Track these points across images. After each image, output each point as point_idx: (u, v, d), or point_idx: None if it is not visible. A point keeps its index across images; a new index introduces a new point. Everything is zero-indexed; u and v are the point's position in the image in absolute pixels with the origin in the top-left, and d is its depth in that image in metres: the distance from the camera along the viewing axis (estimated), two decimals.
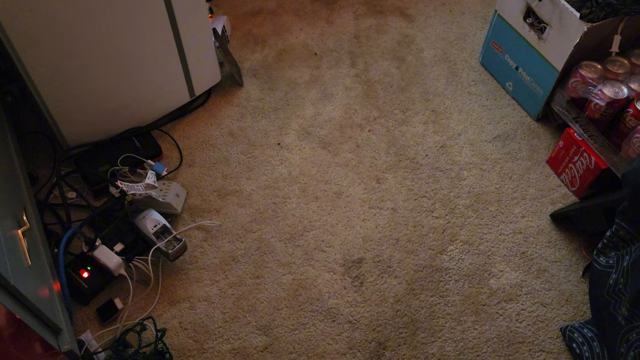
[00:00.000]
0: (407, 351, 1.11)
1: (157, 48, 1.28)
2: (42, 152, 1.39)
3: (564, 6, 1.27)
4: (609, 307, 0.98)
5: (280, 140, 1.45)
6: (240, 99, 1.54)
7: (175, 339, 1.12)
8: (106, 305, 1.13)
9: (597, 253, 1.03)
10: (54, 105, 1.21)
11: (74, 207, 1.28)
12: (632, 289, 0.91)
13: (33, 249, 0.99)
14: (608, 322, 0.99)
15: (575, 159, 1.31)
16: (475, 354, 1.11)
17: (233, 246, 1.25)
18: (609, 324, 0.98)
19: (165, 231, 1.19)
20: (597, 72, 1.28)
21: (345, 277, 1.21)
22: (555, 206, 1.33)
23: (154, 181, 1.23)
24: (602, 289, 1.00)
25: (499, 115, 1.52)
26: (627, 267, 0.93)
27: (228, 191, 1.35)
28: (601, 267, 1.01)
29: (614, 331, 0.97)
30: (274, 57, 1.66)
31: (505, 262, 1.24)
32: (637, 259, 0.91)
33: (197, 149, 1.42)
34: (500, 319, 1.16)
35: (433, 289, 1.20)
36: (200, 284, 1.19)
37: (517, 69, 1.50)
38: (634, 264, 0.92)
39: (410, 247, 1.25)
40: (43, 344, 0.86)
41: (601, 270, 1.01)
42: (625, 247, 0.97)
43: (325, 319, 1.15)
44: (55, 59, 1.14)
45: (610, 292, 0.98)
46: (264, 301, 1.17)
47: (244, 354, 1.10)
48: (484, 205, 1.33)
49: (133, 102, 1.34)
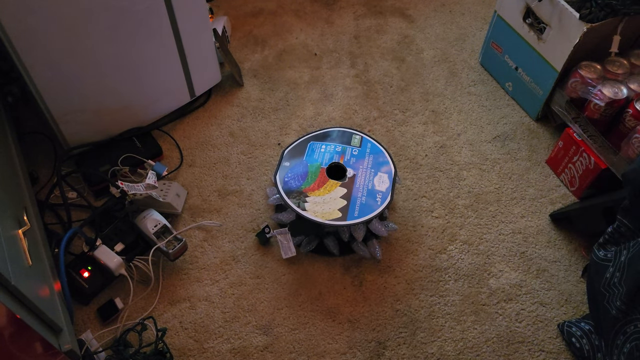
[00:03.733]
0: (407, 351, 1.11)
1: (157, 48, 1.28)
2: (42, 152, 1.39)
3: (564, 7, 1.27)
4: (604, 300, 0.99)
5: (281, 140, 1.45)
6: (241, 99, 1.54)
7: (176, 338, 1.12)
8: (107, 305, 1.13)
9: (598, 247, 1.03)
10: (55, 106, 1.21)
11: (75, 207, 1.28)
12: (629, 283, 0.92)
13: (34, 248, 0.99)
14: (603, 315, 1.00)
15: (575, 159, 1.31)
16: (474, 354, 1.11)
17: (233, 246, 1.25)
18: (604, 316, 1.00)
19: (166, 231, 1.19)
20: (596, 73, 1.28)
21: (345, 277, 1.21)
22: (554, 206, 1.34)
23: (154, 181, 1.23)
24: (599, 281, 1.01)
25: (498, 116, 1.52)
26: (625, 262, 0.94)
27: (228, 191, 1.35)
28: (599, 260, 1.02)
29: (608, 324, 0.98)
30: (274, 57, 1.66)
31: (504, 262, 1.24)
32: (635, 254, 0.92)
33: (197, 149, 1.43)
34: (500, 318, 1.16)
35: (433, 288, 1.20)
36: (200, 283, 1.19)
37: (516, 69, 1.50)
38: (631, 259, 0.92)
39: (409, 247, 1.26)
40: (44, 344, 0.86)
41: (599, 263, 1.02)
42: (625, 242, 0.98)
43: (325, 319, 1.15)
44: (55, 59, 1.14)
45: (606, 285, 0.99)
46: (264, 301, 1.17)
47: (244, 354, 1.10)
48: (484, 205, 1.33)
49: (133, 102, 1.34)
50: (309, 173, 1.20)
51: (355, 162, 1.23)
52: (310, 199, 1.16)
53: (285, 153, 1.24)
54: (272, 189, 1.29)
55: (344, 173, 1.21)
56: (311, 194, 1.16)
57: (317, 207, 1.14)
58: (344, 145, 1.26)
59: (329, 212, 1.14)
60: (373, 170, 1.21)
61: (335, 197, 1.16)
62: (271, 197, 1.26)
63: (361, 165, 1.22)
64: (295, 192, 1.17)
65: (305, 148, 1.25)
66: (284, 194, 1.16)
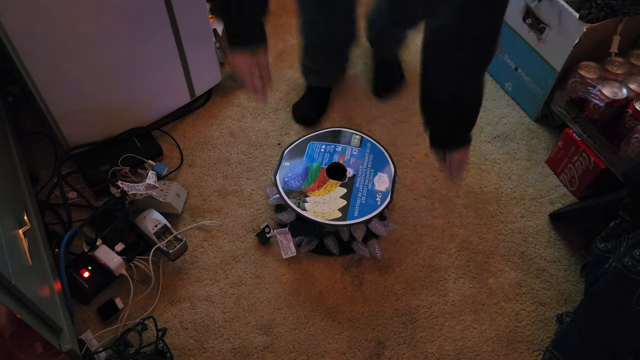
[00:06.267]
0: (407, 350, 1.11)
1: (157, 48, 1.28)
2: (43, 152, 1.39)
3: (563, 7, 1.28)
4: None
5: (281, 140, 1.45)
6: (241, 100, 1.55)
7: (176, 338, 1.12)
8: (107, 305, 1.13)
9: (600, 239, 1.04)
10: (55, 106, 1.21)
11: (75, 207, 1.29)
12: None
13: (34, 248, 0.99)
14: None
15: (574, 159, 1.31)
16: (474, 353, 1.11)
17: (233, 246, 1.25)
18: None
19: (166, 231, 1.20)
20: (596, 73, 1.28)
21: (345, 276, 1.21)
22: (554, 206, 1.34)
23: (154, 181, 1.23)
24: (598, 272, 1.01)
25: (498, 116, 1.52)
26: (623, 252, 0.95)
27: (228, 191, 1.35)
28: (600, 251, 1.03)
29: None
30: (274, 57, 1.66)
31: (504, 262, 1.24)
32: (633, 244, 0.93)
33: (197, 149, 1.43)
34: (500, 318, 1.16)
35: (432, 288, 1.20)
36: (200, 283, 1.20)
37: (516, 69, 1.50)
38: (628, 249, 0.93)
39: (409, 247, 1.26)
40: (44, 344, 0.86)
41: (600, 255, 1.03)
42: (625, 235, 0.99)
43: (326, 318, 1.15)
44: (55, 59, 1.14)
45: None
46: (264, 300, 1.18)
47: (244, 353, 1.10)
48: (483, 205, 1.33)
49: (134, 102, 1.34)
50: (309, 173, 1.20)
51: (355, 162, 1.23)
52: (310, 198, 1.16)
53: (285, 153, 1.24)
54: (272, 189, 1.29)
55: (344, 173, 1.21)
56: (311, 194, 1.17)
57: (317, 207, 1.14)
58: (344, 145, 1.26)
59: (329, 212, 1.14)
60: (373, 170, 1.21)
61: (335, 197, 1.16)
62: (271, 197, 1.26)
63: (361, 165, 1.22)
64: (296, 192, 1.17)
65: (305, 148, 1.25)
66: (284, 194, 1.16)
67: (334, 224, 1.13)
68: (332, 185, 1.18)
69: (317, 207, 1.14)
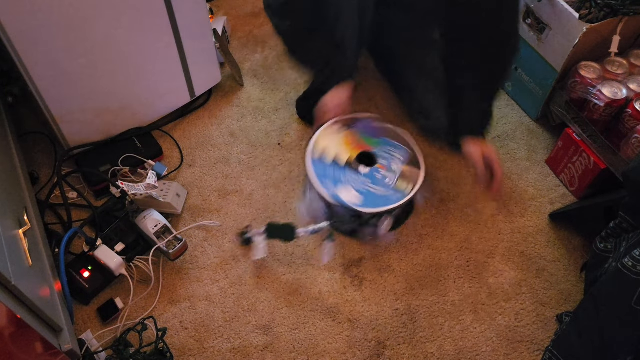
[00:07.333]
0: (407, 350, 1.11)
1: (157, 48, 1.28)
2: (43, 152, 1.39)
3: (563, 7, 1.28)
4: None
5: (281, 140, 1.45)
6: (241, 100, 1.55)
7: (176, 338, 1.12)
8: (107, 305, 1.13)
9: (600, 239, 1.04)
10: (55, 106, 1.21)
11: (75, 207, 1.29)
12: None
13: (34, 248, 0.99)
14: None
15: (574, 159, 1.31)
16: (474, 353, 1.11)
17: (233, 246, 1.25)
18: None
19: (166, 231, 1.20)
20: (596, 73, 1.28)
21: (345, 276, 1.21)
22: (554, 206, 1.34)
23: (154, 181, 1.23)
24: (598, 271, 1.01)
25: (498, 116, 1.52)
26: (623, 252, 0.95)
27: (229, 191, 1.35)
28: (600, 251, 1.03)
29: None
30: (274, 57, 1.66)
31: (504, 262, 1.24)
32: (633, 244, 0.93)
33: (197, 149, 1.43)
34: (500, 318, 1.16)
35: (432, 288, 1.20)
36: (200, 283, 1.20)
37: (516, 69, 1.50)
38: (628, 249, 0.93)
39: (409, 247, 1.26)
40: (44, 344, 0.86)
41: (600, 254, 1.03)
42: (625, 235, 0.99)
43: (325, 318, 1.15)
44: (55, 59, 1.14)
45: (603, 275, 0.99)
46: (264, 300, 1.18)
47: (244, 353, 1.11)
48: (483, 205, 1.33)
49: (134, 102, 1.34)
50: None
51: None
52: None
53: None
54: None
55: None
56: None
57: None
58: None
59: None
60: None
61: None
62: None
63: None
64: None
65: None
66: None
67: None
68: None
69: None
